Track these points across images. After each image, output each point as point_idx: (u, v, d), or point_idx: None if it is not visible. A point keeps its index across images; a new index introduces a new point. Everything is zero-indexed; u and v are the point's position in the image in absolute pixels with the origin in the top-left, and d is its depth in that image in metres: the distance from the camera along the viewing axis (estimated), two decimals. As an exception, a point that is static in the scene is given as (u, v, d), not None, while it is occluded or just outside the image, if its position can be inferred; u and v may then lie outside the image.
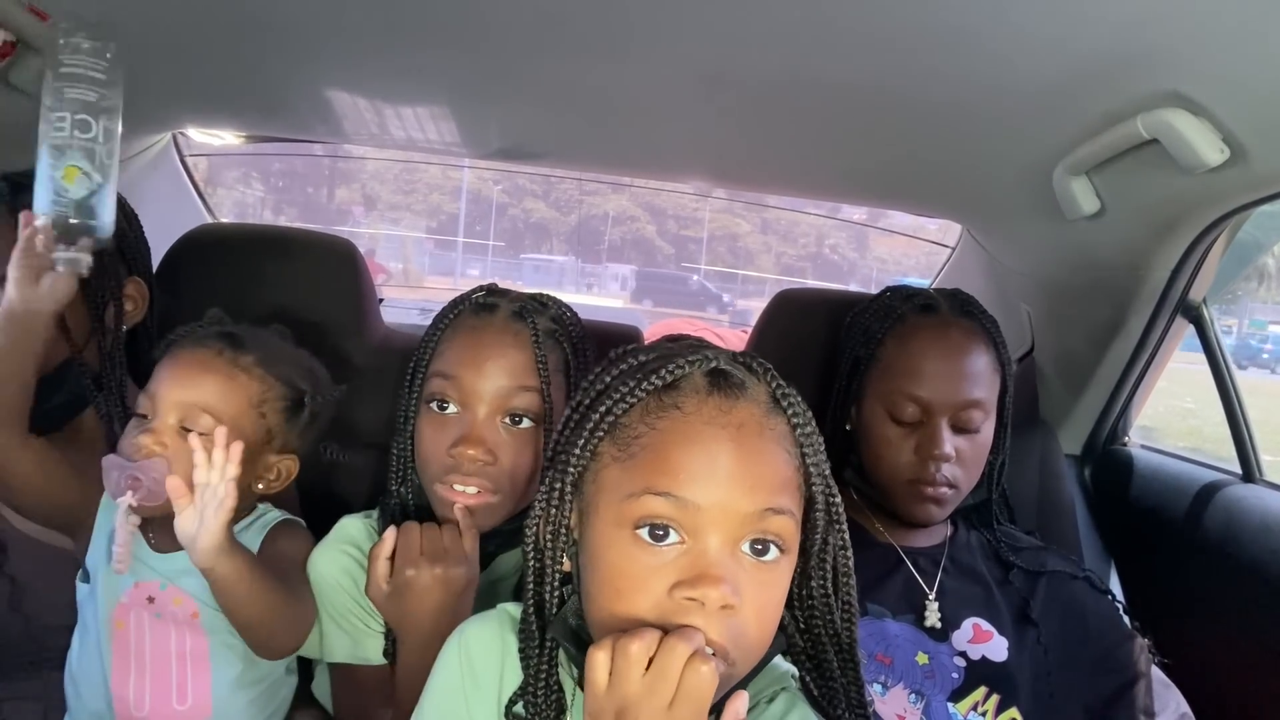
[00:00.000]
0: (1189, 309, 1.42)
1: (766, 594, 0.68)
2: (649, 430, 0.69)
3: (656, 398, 0.70)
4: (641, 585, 0.66)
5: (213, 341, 1.02)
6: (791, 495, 0.70)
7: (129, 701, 0.99)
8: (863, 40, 1.02)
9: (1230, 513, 1.38)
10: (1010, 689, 1.09)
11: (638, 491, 0.67)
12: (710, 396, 0.70)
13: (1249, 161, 1.00)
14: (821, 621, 0.76)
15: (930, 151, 1.38)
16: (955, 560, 1.20)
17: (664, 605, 0.65)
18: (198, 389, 0.98)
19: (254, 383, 1.01)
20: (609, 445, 0.71)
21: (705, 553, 0.66)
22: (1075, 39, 0.95)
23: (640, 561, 0.66)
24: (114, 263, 1.19)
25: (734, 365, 0.72)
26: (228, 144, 1.92)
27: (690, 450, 0.67)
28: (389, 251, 21.26)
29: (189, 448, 0.90)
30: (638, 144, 1.64)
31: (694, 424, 0.68)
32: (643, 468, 0.68)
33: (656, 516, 0.66)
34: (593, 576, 0.70)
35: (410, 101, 1.47)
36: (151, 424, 0.97)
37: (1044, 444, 1.54)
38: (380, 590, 0.95)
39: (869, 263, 26.54)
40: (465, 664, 0.77)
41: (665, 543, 0.66)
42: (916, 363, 1.16)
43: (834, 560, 0.76)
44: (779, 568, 0.69)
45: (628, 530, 0.67)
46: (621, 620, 0.66)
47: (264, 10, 1.15)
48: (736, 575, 0.66)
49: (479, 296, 1.07)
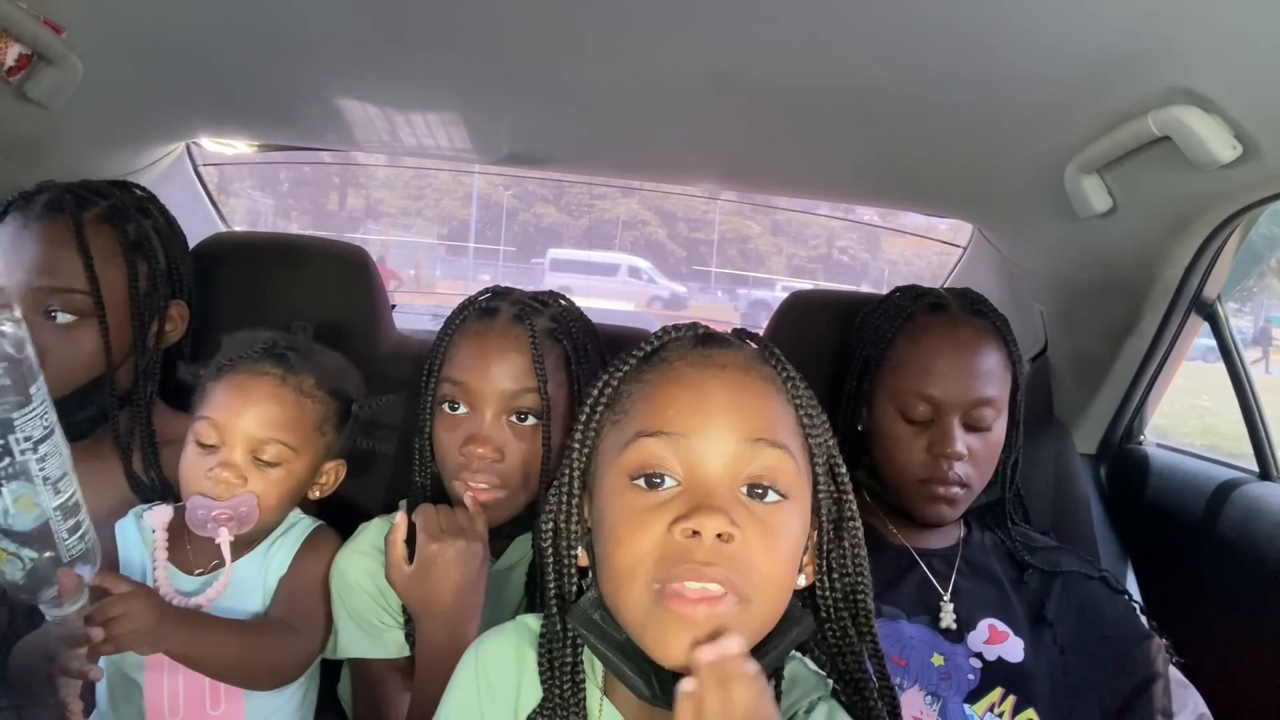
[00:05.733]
0: (1203, 306, 1.41)
1: (772, 535, 0.67)
2: (639, 385, 0.72)
3: (646, 360, 0.74)
4: (641, 525, 0.66)
5: (268, 365, 1.04)
6: (787, 434, 0.70)
7: (162, 706, 1.00)
8: (872, 40, 1.02)
9: (1247, 511, 1.36)
10: (1027, 690, 1.09)
11: (631, 439, 0.69)
12: (695, 348, 0.73)
13: (1261, 158, 1.00)
14: (848, 606, 0.75)
15: (941, 151, 1.38)
16: (970, 561, 1.20)
17: (665, 543, 0.65)
18: (269, 421, 1.01)
19: (318, 406, 1.06)
20: (607, 416, 0.73)
21: (700, 487, 0.66)
22: (1085, 37, 0.95)
23: (639, 506, 0.67)
24: (164, 284, 1.22)
25: (721, 333, 0.76)
26: (240, 153, 1.93)
27: (676, 389, 0.70)
28: (401, 257, 21.32)
29: (268, 479, 1.00)
30: (648, 147, 1.64)
31: (679, 368, 0.71)
32: (634, 418, 0.70)
33: (651, 460, 0.67)
34: (600, 541, 0.70)
35: (420, 108, 1.48)
36: (223, 456, 1.00)
37: (1059, 443, 1.53)
38: (402, 572, 0.98)
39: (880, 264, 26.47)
40: (482, 678, 0.75)
41: (663, 488, 0.67)
42: (927, 361, 1.16)
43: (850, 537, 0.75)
44: (783, 511, 0.68)
45: (626, 482, 0.68)
46: (626, 566, 0.66)
47: (275, 21, 1.16)
48: (735, 510, 0.65)
49: (482, 301, 1.12)
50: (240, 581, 1.04)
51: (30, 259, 1.11)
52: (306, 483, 1.07)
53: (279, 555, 1.06)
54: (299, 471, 1.04)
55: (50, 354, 1.09)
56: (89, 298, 1.12)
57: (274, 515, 1.05)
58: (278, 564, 1.05)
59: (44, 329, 1.10)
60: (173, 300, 1.24)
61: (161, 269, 1.21)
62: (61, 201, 1.14)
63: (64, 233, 1.12)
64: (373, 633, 1.04)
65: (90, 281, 1.12)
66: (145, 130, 1.57)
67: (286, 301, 1.45)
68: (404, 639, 1.04)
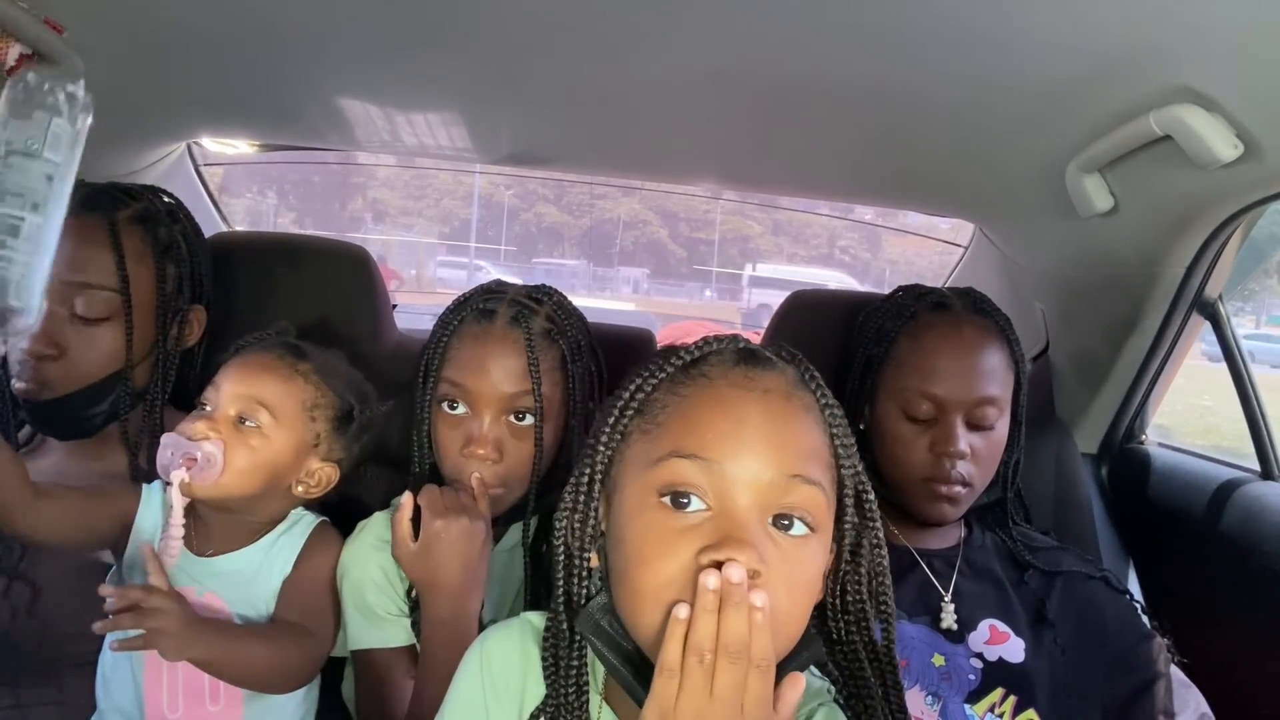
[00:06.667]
0: (1205, 305, 1.41)
1: (796, 571, 0.65)
2: (675, 399, 0.69)
3: (684, 371, 0.71)
4: (667, 550, 0.64)
5: (276, 348, 1.09)
6: (821, 469, 0.68)
7: (161, 703, 1.01)
8: (874, 40, 1.02)
9: (1249, 511, 1.36)
10: (1028, 690, 1.09)
11: (664, 456, 0.66)
12: (737, 366, 0.70)
13: (1263, 157, 1.00)
14: (859, 631, 0.74)
15: (942, 151, 1.38)
16: (970, 561, 1.20)
17: (690, 570, 0.63)
18: (258, 385, 1.04)
19: (310, 387, 1.08)
20: (637, 422, 0.71)
21: (731, 517, 0.64)
22: (1086, 36, 0.94)
23: (666, 527, 0.65)
24: (188, 288, 1.24)
25: (763, 349, 0.73)
26: (241, 153, 1.94)
27: (716, 413, 0.67)
28: (402, 257, 21.34)
29: (243, 438, 1.01)
30: (649, 147, 1.64)
31: (720, 388, 0.68)
32: (668, 433, 0.68)
33: (681, 481, 0.65)
34: (619, 553, 0.68)
35: (421, 108, 1.48)
36: (212, 413, 1.03)
37: (1060, 443, 1.53)
38: (408, 550, 1.01)
39: (880, 264, 26.44)
40: (486, 675, 0.75)
41: (690, 509, 0.65)
42: (930, 360, 1.16)
43: (869, 564, 0.74)
44: (808, 546, 0.66)
45: (653, 498, 0.66)
46: (649, 589, 0.64)
47: (276, 20, 1.16)
48: (763, 544, 0.63)
49: (480, 301, 1.13)
50: (240, 572, 1.04)
51: (62, 254, 1.11)
52: (286, 467, 1.05)
53: (284, 553, 1.06)
54: (277, 446, 1.03)
55: (72, 348, 1.12)
56: (117, 296, 1.14)
57: (240, 484, 1.01)
58: (283, 561, 1.05)
59: (68, 323, 1.12)
60: (193, 305, 1.25)
61: (187, 273, 1.23)
62: (97, 200, 1.16)
63: (98, 231, 1.14)
64: (379, 623, 1.06)
65: (121, 280, 1.14)
66: (147, 130, 1.58)
67: (288, 301, 1.45)
68: (409, 626, 1.06)
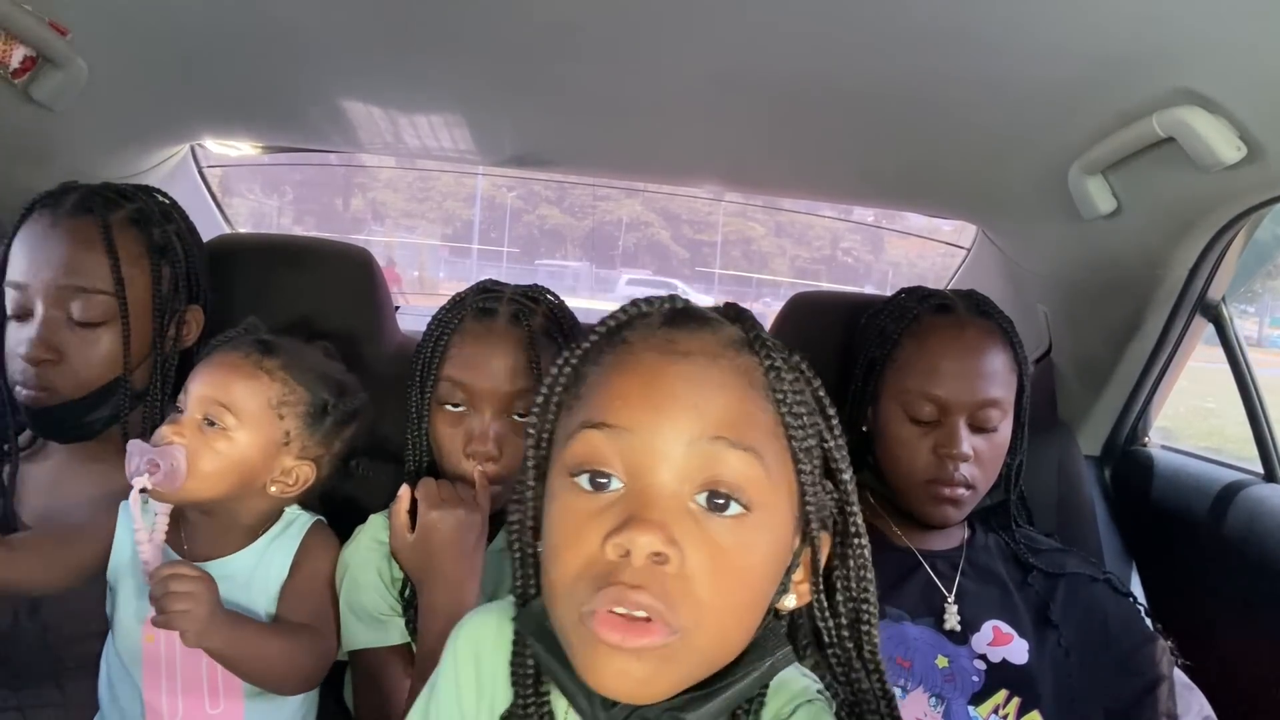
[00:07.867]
0: (1208, 308, 1.41)
1: (722, 554, 0.57)
2: (595, 369, 0.62)
3: (607, 338, 0.63)
4: (575, 538, 0.57)
5: (245, 346, 1.08)
6: (758, 436, 0.59)
7: (161, 708, 1.01)
8: (877, 42, 1.02)
9: (1252, 513, 1.36)
10: (1031, 692, 1.09)
11: (576, 429, 0.60)
12: (661, 329, 0.62)
13: (1266, 159, 0.99)
14: (851, 634, 0.67)
15: (944, 153, 1.38)
16: (974, 563, 1.20)
17: (596, 562, 0.56)
18: (221, 387, 1.03)
19: (276, 385, 1.05)
20: (565, 399, 0.64)
21: (641, 494, 0.57)
22: (1089, 38, 0.94)
23: (577, 511, 0.58)
24: (184, 289, 1.23)
25: (698, 309, 0.64)
26: (245, 155, 1.94)
27: (630, 378, 0.60)
28: (404, 259, 21.35)
29: (207, 441, 1.00)
30: (651, 148, 1.64)
31: (636, 351, 0.61)
32: (584, 404, 0.61)
33: (591, 456, 0.58)
34: (544, 544, 0.62)
35: (424, 110, 1.48)
36: (179, 417, 1.02)
37: (1063, 445, 1.53)
38: (404, 541, 1.03)
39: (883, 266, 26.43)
40: (467, 659, 0.71)
41: (608, 490, 0.58)
42: (933, 361, 1.16)
43: (854, 556, 0.66)
44: (743, 528, 0.58)
45: (566, 479, 0.59)
46: (561, 585, 0.57)
47: (279, 22, 1.16)
48: (679, 524, 0.56)
49: (478, 301, 1.14)
50: (234, 577, 1.03)
51: (57, 258, 1.12)
52: (255, 467, 1.03)
53: (279, 555, 1.05)
54: (243, 447, 1.02)
55: (71, 353, 1.12)
56: (113, 298, 1.14)
57: (207, 487, 1.00)
58: (278, 564, 1.05)
59: (66, 328, 1.12)
60: (190, 305, 1.25)
61: (183, 274, 1.23)
62: (90, 202, 1.15)
63: (92, 233, 1.13)
64: (374, 623, 1.06)
65: (116, 283, 1.14)
66: (150, 132, 1.58)
67: (290, 303, 1.45)
68: (404, 625, 1.06)
